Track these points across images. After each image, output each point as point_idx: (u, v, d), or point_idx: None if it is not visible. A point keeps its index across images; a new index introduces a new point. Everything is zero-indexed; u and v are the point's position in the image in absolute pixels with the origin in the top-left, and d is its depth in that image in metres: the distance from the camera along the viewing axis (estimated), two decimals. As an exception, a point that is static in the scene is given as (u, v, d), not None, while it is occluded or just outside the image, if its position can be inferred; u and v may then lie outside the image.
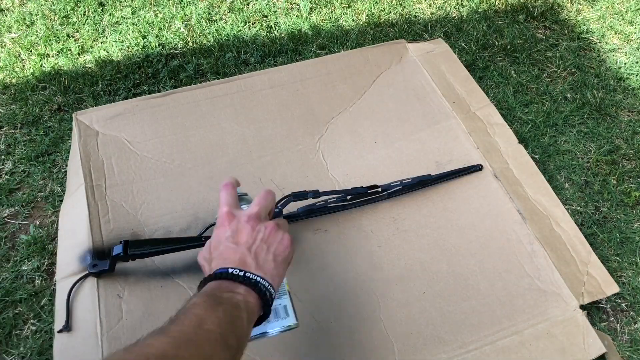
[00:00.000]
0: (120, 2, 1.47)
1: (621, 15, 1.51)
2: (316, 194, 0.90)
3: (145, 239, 0.86)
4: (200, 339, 0.44)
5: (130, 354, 0.40)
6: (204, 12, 1.45)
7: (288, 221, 0.88)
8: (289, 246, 0.59)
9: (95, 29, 1.40)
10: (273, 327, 0.58)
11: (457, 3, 1.53)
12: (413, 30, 1.44)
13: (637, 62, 1.39)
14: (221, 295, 0.50)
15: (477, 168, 1.00)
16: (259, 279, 0.52)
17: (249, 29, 1.42)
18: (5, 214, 1.03)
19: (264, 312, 0.54)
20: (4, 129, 1.17)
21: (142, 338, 0.43)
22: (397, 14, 1.49)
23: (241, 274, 0.52)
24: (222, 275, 0.52)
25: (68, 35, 1.38)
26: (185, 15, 1.44)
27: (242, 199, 0.67)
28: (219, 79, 1.24)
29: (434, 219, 0.93)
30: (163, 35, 1.39)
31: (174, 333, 0.44)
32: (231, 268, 0.52)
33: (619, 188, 1.12)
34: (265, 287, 0.52)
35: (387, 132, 1.05)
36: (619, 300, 0.96)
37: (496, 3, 1.53)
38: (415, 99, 1.11)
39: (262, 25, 1.43)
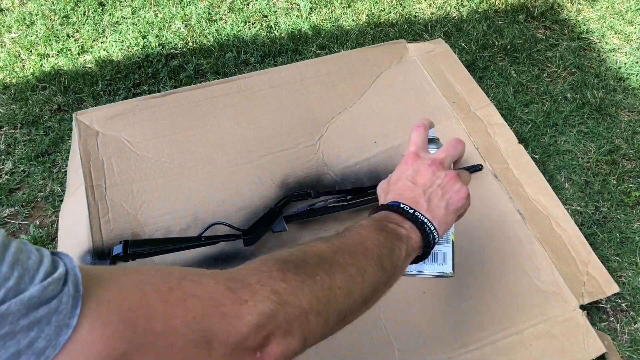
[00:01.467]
0: (120, 2, 1.47)
1: (621, 15, 1.51)
2: (316, 194, 0.90)
3: (145, 239, 0.86)
4: (357, 251, 0.47)
5: (292, 249, 0.44)
6: (204, 12, 1.45)
7: (288, 221, 0.89)
8: (464, 198, 0.60)
9: (95, 29, 1.40)
10: (430, 269, 0.59)
11: (457, 3, 1.53)
12: (413, 30, 1.44)
13: (637, 62, 1.39)
14: (387, 224, 0.52)
15: (477, 168, 1.00)
16: (426, 220, 0.54)
17: (249, 29, 1.42)
18: (5, 214, 1.03)
19: (423, 252, 0.55)
20: (4, 129, 1.17)
21: (308, 241, 0.47)
22: (397, 14, 1.48)
23: (411, 211, 0.54)
24: (393, 207, 0.54)
25: (68, 35, 1.38)
26: (185, 15, 1.44)
27: (432, 141, 0.67)
28: (219, 79, 1.24)
29: (434, 219, 0.93)
30: (163, 35, 1.39)
31: (335, 242, 0.47)
32: (403, 204, 0.54)
33: (619, 188, 1.12)
34: (430, 229, 0.54)
35: (387, 132, 1.05)
36: (619, 300, 0.96)
37: (496, 3, 1.53)
38: (415, 99, 1.11)
39: (262, 25, 1.43)
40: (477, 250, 0.90)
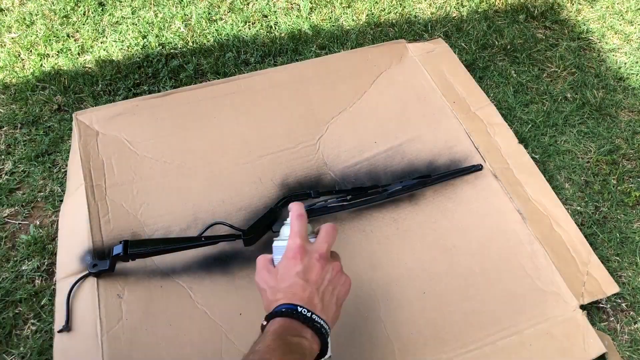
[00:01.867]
0: (120, 2, 1.47)
1: (621, 15, 1.51)
2: (316, 194, 0.90)
3: (145, 239, 0.86)
4: None
5: None
6: (204, 12, 1.45)
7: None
8: (349, 290, 0.61)
9: (95, 29, 1.40)
10: None
11: (457, 3, 1.53)
12: (413, 30, 1.44)
13: (637, 62, 1.39)
14: (291, 341, 0.52)
15: (477, 168, 1.00)
16: (323, 323, 0.55)
17: (249, 29, 1.42)
18: (5, 214, 1.03)
19: (320, 353, 0.55)
20: (4, 129, 1.17)
21: None
22: (397, 14, 1.48)
23: (309, 315, 0.54)
24: (291, 313, 0.54)
25: (68, 35, 1.38)
26: (185, 15, 1.44)
27: None
28: (219, 79, 1.24)
29: (434, 219, 0.93)
30: (163, 35, 1.39)
31: None
32: (300, 306, 0.54)
33: (619, 188, 1.12)
34: (326, 332, 0.55)
35: (387, 132, 1.05)
36: (619, 300, 0.96)
37: (496, 3, 1.53)
38: (415, 99, 1.11)
39: (262, 25, 1.43)
40: (477, 250, 0.90)
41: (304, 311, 0.54)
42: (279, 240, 0.65)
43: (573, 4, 1.55)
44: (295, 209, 0.63)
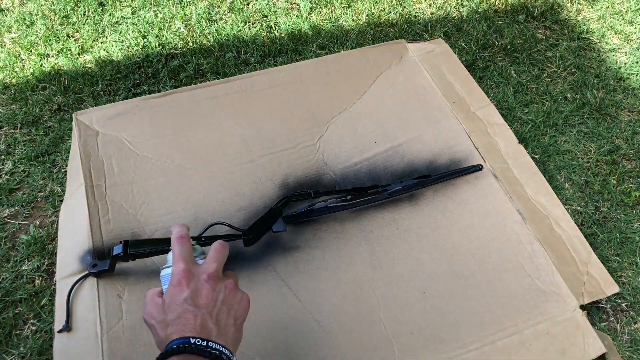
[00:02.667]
0: (120, 2, 1.47)
1: (621, 15, 1.51)
2: (316, 194, 0.90)
3: (145, 239, 0.86)
4: None
5: None
6: (204, 12, 1.45)
7: (288, 221, 0.89)
8: (248, 307, 0.56)
9: (95, 29, 1.40)
10: None
11: (457, 3, 1.53)
12: (413, 30, 1.44)
13: (637, 62, 1.39)
14: None
15: (477, 168, 1.00)
16: (222, 349, 0.50)
17: (249, 29, 1.42)
18: (5, 214, 1.03)
19: None
20: (4, 129, 1.17)
21: None
22: (397, 14, 1.48)
23: (203, 344, 0.49)
24: (184, 348, 0.48)
25: (68, 35, 1.38)
26: (185, 15, 1.44)
27: (193, 249, 0.62)
28: (219, 79, 1.24)
29: (434, 219, 0.93)
30: (163, 35, 1.39)
31: None
32: (193, 337, 0.49)
33: (619, 188, 1.12)
34: (227, 357, 0.50)
35: (387, 132, 1.05)
36: (619, 300, 0.96)
37: (496, 3, 1.53)
38: (415, 99, 1.11)
39: (262, 25, 1.43)
40: (477, 250, 0.90)
41: (198, 341, 0.48)
42: (165, 269, 0.59)
43: (573, 4, 1.55)
44: (176, 231, 0.58)
